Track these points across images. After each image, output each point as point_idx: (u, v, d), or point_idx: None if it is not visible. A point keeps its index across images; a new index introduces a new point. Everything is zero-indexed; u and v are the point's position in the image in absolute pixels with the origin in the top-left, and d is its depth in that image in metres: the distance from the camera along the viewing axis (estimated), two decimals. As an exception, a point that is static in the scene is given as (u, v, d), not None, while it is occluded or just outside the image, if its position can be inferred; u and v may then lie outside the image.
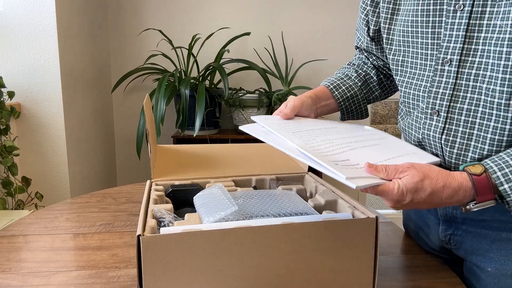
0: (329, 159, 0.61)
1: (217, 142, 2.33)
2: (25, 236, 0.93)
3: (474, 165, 0.62)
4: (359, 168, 0.62)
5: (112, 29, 2.54)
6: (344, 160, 0.63)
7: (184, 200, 0.80)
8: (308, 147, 0.65)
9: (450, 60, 0.69)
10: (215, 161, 0.95)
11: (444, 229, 0.81)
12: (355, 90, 0.94)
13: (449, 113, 0.70)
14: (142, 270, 0.56)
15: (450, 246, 0.81)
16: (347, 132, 0.79)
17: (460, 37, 0.67)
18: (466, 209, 0.63)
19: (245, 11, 2.54)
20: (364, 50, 0.97)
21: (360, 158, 0.65)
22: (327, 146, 0.67)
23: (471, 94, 0.68)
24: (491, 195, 0.61)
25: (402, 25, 0.78)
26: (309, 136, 0.71)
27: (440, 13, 0.70)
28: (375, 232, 0.63)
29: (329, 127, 0.80)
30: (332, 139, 0.72)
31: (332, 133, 0.76)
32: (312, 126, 0.79)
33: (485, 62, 0.65)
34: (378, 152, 0.69)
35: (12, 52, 1.86)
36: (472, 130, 0.68)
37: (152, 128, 0.91)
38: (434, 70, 0.72)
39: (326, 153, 0.64)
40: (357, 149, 0.68)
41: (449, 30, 0.69)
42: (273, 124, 0.75)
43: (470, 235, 0.76)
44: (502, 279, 0.71)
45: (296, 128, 0.75)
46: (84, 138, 2.20)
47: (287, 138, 0.68)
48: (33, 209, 1.82)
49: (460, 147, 0.70)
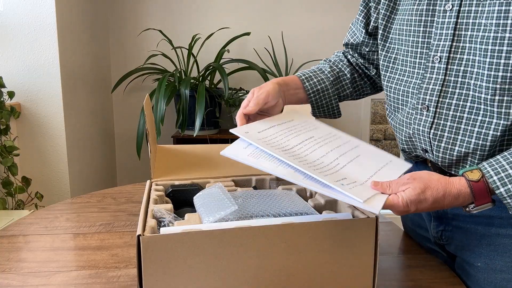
0: (333, 179, 0.62)
1: (217, 142, 2.33)
2: (25, 236, 0.93)
3: (473, 170, 0.64)
4: (365, 186, 0.64)
5: (112, 29, 2.54)
6: (343, 179, 0.64)
7: (184, 200, 0.80)
8: (313, 169, 0.63)
9: (440, 57, 0.72)
10: (215, 161, 0.95)
11: (436, 225, 0.82)
12: (326, 84, 0.93)
13: (437, 108, 0.73)
14: (142, 270, 0.56)
15: (442, 242, 0.82)
16: (326, 142, 0.75)
17: (449, 35, 0.70)
18: (466, 211, 0.65)
19: (245, 11, 2.54)
20: (353, 46, 0.97)
21: (353, 174, 0.66)
22: (322, 164, 0.67)
23: (459, 90, 0.70)
24: (488, 198, 0.63)
25: (399, 24, 0.80)
26: (300, 153, 0.67)
27: (433, 13, 0.73)
28: (375, 232, 0.63)
29: (307, 138, 0.74)
30: (321, 155, 0.69)
31: (318, 146, 0.72)
32: (294, 138, 0.73)
33: (472, 59, 0.68)
34: (364, 166, 0.71)
35: (12, 52, 1.86)
36: (460, 124, 0.71)
37: (152, 128, 0.91)
38: (424, 68, 0.75)
39: (326, 173, 0.64)
40: (347, 165, 0.69)
41: (439, 29, 0.72)
42: (258, 140, 0.68)
43: (460, 231, 0.78)
44: (491, 274, 0.72)
45: (280, 143, 0.69)
46: (84, 138, 2.20)
47: (282, 158, 0.63)
48: (33, 209, 1.82)
49: (447, 141, 0.73)
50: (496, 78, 0.65)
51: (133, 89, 2.57)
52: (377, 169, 0.70)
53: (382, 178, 0.67)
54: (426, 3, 0.74)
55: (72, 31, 2.04)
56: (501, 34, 0.63)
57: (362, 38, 0.94)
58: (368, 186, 0.64)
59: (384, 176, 0.68)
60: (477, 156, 0.70)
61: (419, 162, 0.84)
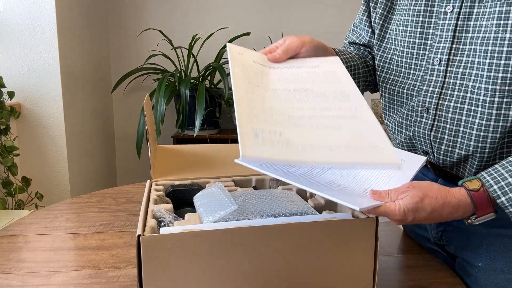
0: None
1: (217, 142, 2.33)
2: (25, 236, 0.93)
3: (472, 180, 0.63)
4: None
5: (112, 29, 2.54)
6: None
7: (184, 200, 0.80)
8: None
9: (439, 59, 0.72)
10: (215, 161, 0.95)
11: (436, 225, 0.82)
12: (357, 63, 0.88)
13: (437, 110, 0.73)
14: (142, 270, 0.56)
15: (442, 242, 0.82)
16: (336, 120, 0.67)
17: (448, 37, 0.70)
18: (468, 223, 0.64)
19: (245, 11, 2.54)
20: (359, 46, 0.96)
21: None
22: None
23: (458, 92, 0.70)
24: (490, 208, 0.62)
25: (395, 24, 0.80)
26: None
27: (430, 14, 0.73)
28: (375, 232, 0.63)
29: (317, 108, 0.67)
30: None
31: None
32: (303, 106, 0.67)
33: (471, 61, 0.68)
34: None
35: (12, 52, 1.86)
36: (459, 127, 0.71)
37: (152, 128, 0.91)
38: (424, 70, 0.74)
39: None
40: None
41: (439, 31, 0.72)
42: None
43: (460, 231, 0.78)
44: (492, 274, 0.72)
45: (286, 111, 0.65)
46: (84, 138, 2.20)
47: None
48: (33, 209, 1.82)
49: (447, 143, 0.72)
50: (496, 79, 0.64)
51: (133, 89, 2.57)
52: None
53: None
54: (424, 3, 0.74)
55: (72, 31, 2.04)
56: (502, 34, 0.63)
57: (369, 38, 0.92)
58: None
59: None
60: (477, 158, 0.70)
61: None
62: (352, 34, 0.96)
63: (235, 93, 0.64)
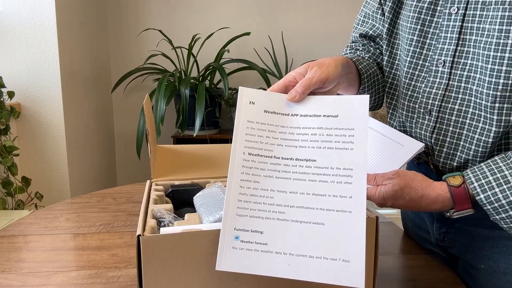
0: None
1: (217, 142, 2.33)
2: (25, 236, 0.93)
3: (455, 176, 0.65)
4: None
5: (112, 29, 2.54)
6: None
7: (184, 200, 0.80)
8: None
9: (444, 61, 0.71)
10: (215, 161, 0.95)
11: (438, 227, 0.82)
12: (375, 69, 0.84)
13: (440, 112, 0.72)
14: (142, 270, 0.56)
15: (444, 244, 0.82)
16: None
17: (453, 39, 0.69)
18: (447, 216, 0.67)
19: (245, 11, 2.54)
20: (372, 37, 0.89)
21: None
22: None
23: (462, 95, 0.69)
24: (468, 204, 0.64)
25: (401, 19, 0.78)
26: None
27: (433, 13, 0.72)
28: (375, 232, 0.63)
29: None
30: None
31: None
32: None
33: (475, 64, 0.67)
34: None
35: (12, 52, 1.86)
36: (462, 130, 0.70)
37: (152, 128, 0.91)
38: (427, 71, 0.73)
39: None
40: None
41: (443, 32, 0.71)
42: None
43: (463, 233, 0.77)
44: (495, 276, 0.72)
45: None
46: (84, 138, 2.20)
47: None
48: (33, 209, 1.82)
49: (449, 146, 0.72)
50: (497, 85, 0.63)
51: (133, 89, 2.57)
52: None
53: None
54: (428, 1, 0.72)
55: (72, 31, 2.04)
56: (504, 40, 0.62)
57: (383, 28, 0.84)
58: None
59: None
60: (476, 163, 0.69)
61: (421, 163, 0.83)
62: (364, 26, 0.89)
63: (231, 165, 0.61)
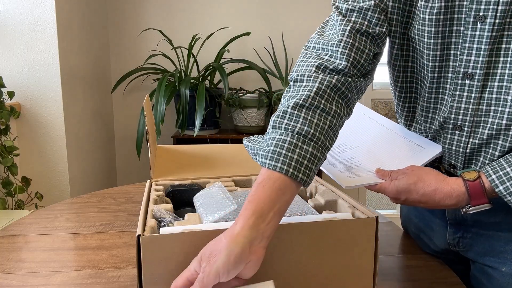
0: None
1: (217, 142, 2.33)
2: (25, 236, 0.93)
3: (470, 171, 0.65)
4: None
5: (112, 29, 2.54)
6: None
7: (184, 200, 0.80)
8: None
9: (472, 74, 0.66)
10: (215, 161, 0.95)
11: (453, 232, 0.80)
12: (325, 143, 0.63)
13: (473, 127, 0.69)
14: (142, 270, 0.56)
15: (457, 248, 0.81)
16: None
17: (482, 50, 0.64)
18: (463, 212, 0.66)
19: (245, 11, 2.54)
20: (361, 10, 0.69)
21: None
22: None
23: (495, 107, 0.66)
24: (484, 199, 0.63)
25: (418, 22, 0.69)
26: None
27: (451, 23, 0.66)
28: (375, 232, 0.63)
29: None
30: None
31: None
32: None
33: (508, 73, 0.64)
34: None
35: (12, 52, 1.85)
36: (497, 140, 0.67)
37: (152, 128, 0.91)
38: (454, 84, 0.69)
39: None
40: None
41: (468, 43, 0.65)
42: None
43: (481, 238, 0.76)
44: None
45: None
46: (84, 138, 2.20)
47: None
48: (33, 209, 1.82)
49: (484, 160, 0.70)
50: None
51: (133, 89, 2.57)
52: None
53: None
54: (443, 6, 0.65)
55: (72, 31, 2.04)
56: None
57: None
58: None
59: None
60: None
61: (434, 167, 0.80)
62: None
63: None
